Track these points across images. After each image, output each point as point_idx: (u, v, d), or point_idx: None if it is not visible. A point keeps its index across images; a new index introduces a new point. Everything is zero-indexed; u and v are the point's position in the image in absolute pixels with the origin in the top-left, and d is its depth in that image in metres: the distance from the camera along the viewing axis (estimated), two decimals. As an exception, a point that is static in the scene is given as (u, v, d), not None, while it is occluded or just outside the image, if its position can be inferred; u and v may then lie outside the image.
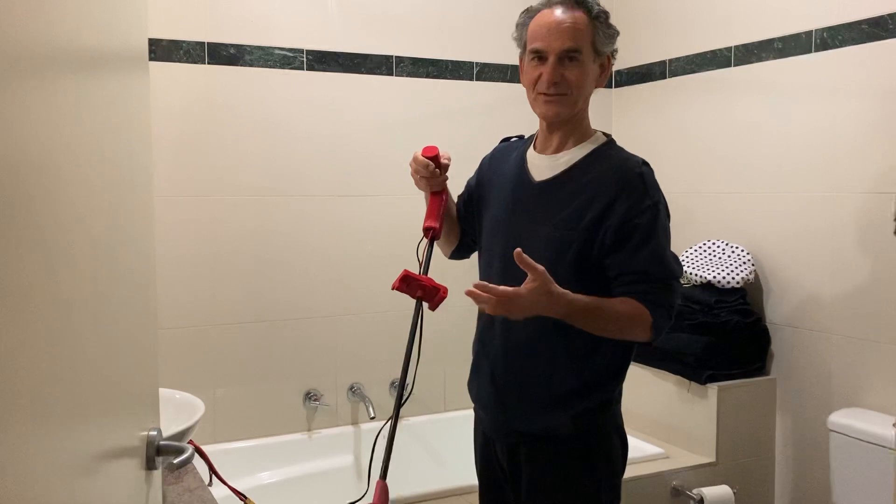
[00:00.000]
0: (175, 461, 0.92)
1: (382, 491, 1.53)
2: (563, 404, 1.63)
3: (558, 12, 1.64)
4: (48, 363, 0.67)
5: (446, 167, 1.79)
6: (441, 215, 1.74)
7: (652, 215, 1.58)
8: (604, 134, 1.72)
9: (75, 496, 0.75)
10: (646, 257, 1.57)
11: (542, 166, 1.70)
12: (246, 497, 1.84)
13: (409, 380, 1.64)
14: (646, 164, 1.64)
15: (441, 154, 1.78)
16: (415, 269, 1.64)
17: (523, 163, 1.74)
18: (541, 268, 1.46)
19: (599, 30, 1.64)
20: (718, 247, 2.66)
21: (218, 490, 2.00)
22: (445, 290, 1.61)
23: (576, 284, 1.57)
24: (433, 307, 1.62)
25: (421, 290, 1.59)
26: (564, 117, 1.65)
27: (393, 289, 1.60)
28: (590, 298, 1.55)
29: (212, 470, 1.72)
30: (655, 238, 1.58)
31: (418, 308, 1.62)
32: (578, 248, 1.58)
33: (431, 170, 1.76)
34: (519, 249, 1.47)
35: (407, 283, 1.59)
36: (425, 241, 1.71)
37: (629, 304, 1.57)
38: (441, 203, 1.76)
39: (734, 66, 2.67)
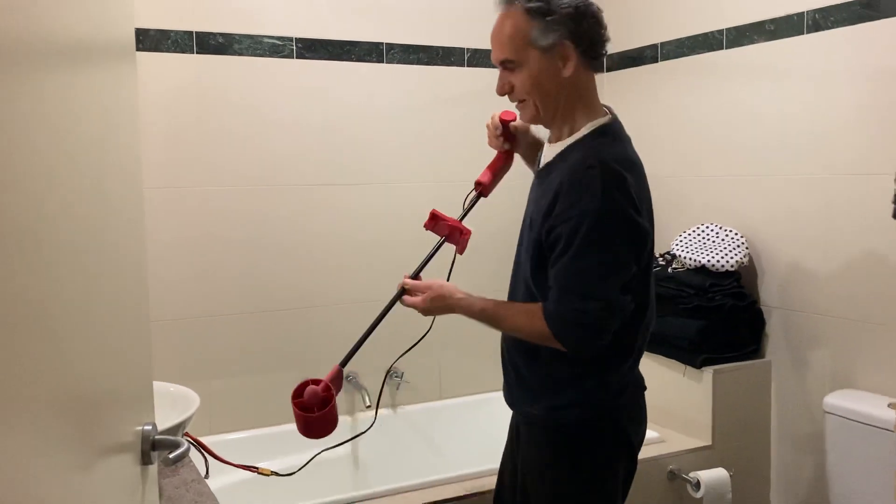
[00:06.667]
0: (171, 456, 0.91)
1: (336, 373, 1.70)
2: (550, 394, 1.65)
3: (497, 16, 1.59)
4: (38, 358, 0.66)
5: (513, 136, 1.81)
6: (495, 173, 1.81)
7: (576, 224, 1.47)
8: (604, 122, 1.61)
9: (69, 493, 0.74)
10: (561, 267, 1.51)
11: (545, 157, 1.68)
12: (258, 468, 1.85)
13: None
14: (594, 166, 1.49)
15: (514, 123, 1.80)
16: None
17: (541, 153, 1.74)
18: (424, 283, 1.68)
19: (537, 23, 1.52)
20: (712, 230, 2.65)
21: (214, 482, 1.99)
22: (469, 232, 1.72)
23: (532, 281, 1.62)
24: (461, 249, 1.73)
25: (448, 229, 1.72)
26: (540, 122, 1.65)
27: (425, 227, 1.74)
28: (489, 304, 1.65)
29: (213, 455, 1.72)
30: (575, 249, 1.48)
31: (439, 244, 1.74)
32: (536, 248, 1.58)
33: (497, 133, 1.79)
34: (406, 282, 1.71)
35: (435, 222, 1.73)
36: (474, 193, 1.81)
37: (530, 315, 1.58)
38: (499, 164, 1.82)
39: (726, 48, 2.66)
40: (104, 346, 0.87)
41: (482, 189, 1.79)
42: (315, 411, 1.62)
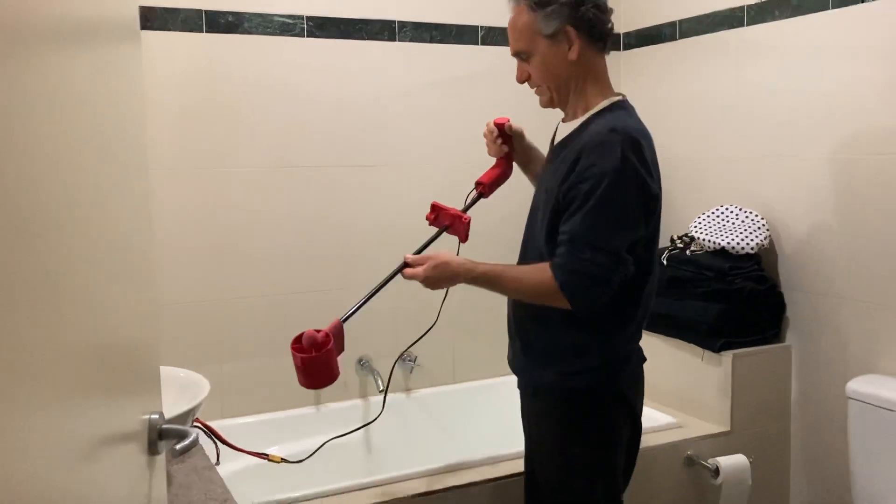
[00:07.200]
0: (177, 447, 0.88)
1: (337, 325, 1.75)
2: (554, 362, 1.74)
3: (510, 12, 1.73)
4: (41, 346, 0.63)
5: (510, 138, 1.92)
6: (496, 177, 1.90)
7: (595, 182, 1.57)
8: (618, 98, 1.74)
9: (72, 484, 0.71)
10: (575, 221, 1.60)
11: (560, 135, 1.78)
12: (268, 455, 1.85)
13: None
14: (615, 130, 1.60)
15: (508, 125, 1.91)
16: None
17: (556, 131, 1.83)
18: (424, 255, 1.74)
19: (539, 15, 1.66)
20: (732, 212, 2.60)
21: (226, 467, 1.97)
22: (468, 218, 1.81)
23: (545, 248, 1.68)
24: (464, 237, 1.81)
25: (448, 219, 1.81)
26: (556, 104, 1.76)
27: (427, 220, 1.84)
28: (492, 266, 1.70)
29: (224, 442, 1.70)
30: (591, 204, 1.57)
31: (442, 230, 1.84)
32: (553, 214, 1.67)
33: (493, 137, 1.90)
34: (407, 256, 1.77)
35: (436, 214, 1.82)
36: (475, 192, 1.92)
37: (536, 270, 1.66)
38: (500, 169, 1.91)
39: (748, 25, 2.59)
40: (109, 331, 0.84)
41: (482, 189, 1.88)
42: (312, 353, 1.66)
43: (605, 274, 1.59)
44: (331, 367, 1.69)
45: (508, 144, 1.92)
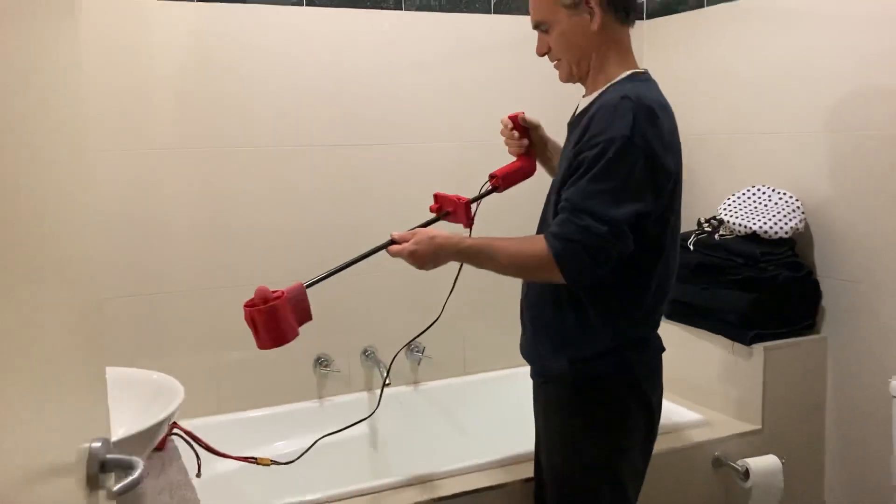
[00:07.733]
0: (115, 489, 0.71)
1: (297, 287, 1.64)
2: (565, 349, 1.67)
3: None
4: None
5: (526, 131, 1.85)
6: (510, 171, 1.83)
7: (602, 149, 1.50)
8: (640, 70, 1.67)
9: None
10: (577, 188, 1.53)
11: (579, 108, 1.72)
12: (256, 459, 1.75)
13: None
14: (628, 97, 1.52)
15: (522, 117, 1.84)
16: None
17: (576, 109, 1.76)
18: (409, 233, 1.64)
19: None
20: (764, 193, 2.42)
21: (215, 468, 1.83)
22: (465, 199, 1.75)
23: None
24: (466, 222, 1.75)
25: (450, 205, 1.76)
26: (576, 79, 1.70)
27: (432, 210, 1.78)
28: (480, 239, 1.62)
29: (206, 448, 1.58)
30: (594, 172, 1.50)
31: (442, 216, 1.79)
32: (560, 186, 1.61)
33: (509, 130, 1.84)
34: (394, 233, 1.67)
35: (440, 204, 1.79)
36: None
37: (529, 240, 1.58)
38: (518, 165, 1.84)
39: (782, -10, 2.40)
40: (29, 338, 0.67)
41: (496, 182, 1.82)
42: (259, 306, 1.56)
43: (604, 245, 1.50)
44: (278, 322, 1.57)
45: (525, 136, 1.85)
